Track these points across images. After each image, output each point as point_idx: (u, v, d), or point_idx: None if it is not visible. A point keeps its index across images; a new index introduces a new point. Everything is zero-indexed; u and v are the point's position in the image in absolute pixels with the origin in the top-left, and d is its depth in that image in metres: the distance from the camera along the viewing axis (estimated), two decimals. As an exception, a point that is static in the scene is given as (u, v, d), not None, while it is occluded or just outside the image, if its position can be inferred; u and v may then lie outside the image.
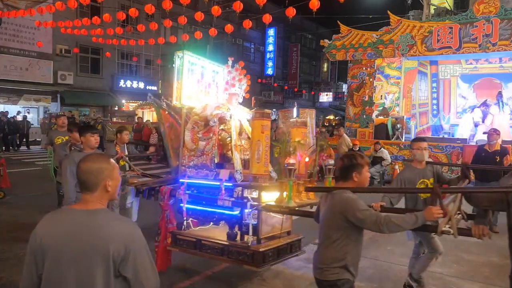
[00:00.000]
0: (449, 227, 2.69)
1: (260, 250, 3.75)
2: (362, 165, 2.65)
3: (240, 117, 4.42)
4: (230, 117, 4.26)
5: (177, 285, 4.35)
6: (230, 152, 4.23)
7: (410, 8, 18.97)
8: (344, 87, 40.87)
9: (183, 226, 4.38)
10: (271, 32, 35.49)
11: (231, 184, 3.96)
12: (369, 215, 2.51)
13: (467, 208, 2.99)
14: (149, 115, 25.77)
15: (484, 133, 6.90)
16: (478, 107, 13.36)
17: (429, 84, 15.47)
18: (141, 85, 26.08)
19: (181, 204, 4.23)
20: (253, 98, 29.71)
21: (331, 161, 4.00)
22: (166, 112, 4.63)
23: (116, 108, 24.83)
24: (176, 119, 4.59)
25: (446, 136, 14.38)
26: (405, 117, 13.10)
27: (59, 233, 1.72)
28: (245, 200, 3.80)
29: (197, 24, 13.47)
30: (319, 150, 4.20)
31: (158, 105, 4.70)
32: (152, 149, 8.88)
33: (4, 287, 4.20)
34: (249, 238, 3.83)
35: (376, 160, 11.21)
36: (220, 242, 4.08)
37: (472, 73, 14.88)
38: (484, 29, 10.70)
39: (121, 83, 25.04)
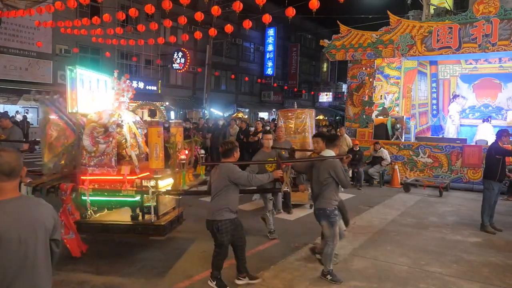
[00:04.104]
0: (287, 189, 4.70)
1: (162, 224, 4.90)
2: (237, 146, 4.38)
3: (128, 120, 5.34)
4: (122, 121, 5.11)
5: (177, 285, 4.36)
6: (124, 151, 5.10)
7: (410, 8, 18.97)
8: (344, 87, 40.91)
9: (87, 215, 5.13)
10: (271, 32, 35.52)
11: (135, 177, 4.83)
12: (242, 175, 4.18)
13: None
14: (146, 115, 25.74)
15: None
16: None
17: (429, 84, 15.48)
18: (141, 85, 26.07)
19: (84, 197, 4.82)
20: (148, 107, 29.68)
21: (203, 151, 5.70)
22: (55, 114, 5.24)
23: (115, 108, 24.78)
24: (67, 122, 5.25)
25: (445, 136, 14.40)
26: (404, 117, 13.10)
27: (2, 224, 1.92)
28: (146, 188, 4.73)
29: (197, 24, 13.40)
30: (194, 144, 5.62)
31: (46, 104, 5.27)
32: (26, 146, 8.93)
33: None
34: (151, 217, 4.79)
35: (376, 160, 11.18)
36: (126, 223, 5.03)
37: (471, 73, 14.89)
38: (483, 29, 10.70)
39: (121, 83, 25.01)
